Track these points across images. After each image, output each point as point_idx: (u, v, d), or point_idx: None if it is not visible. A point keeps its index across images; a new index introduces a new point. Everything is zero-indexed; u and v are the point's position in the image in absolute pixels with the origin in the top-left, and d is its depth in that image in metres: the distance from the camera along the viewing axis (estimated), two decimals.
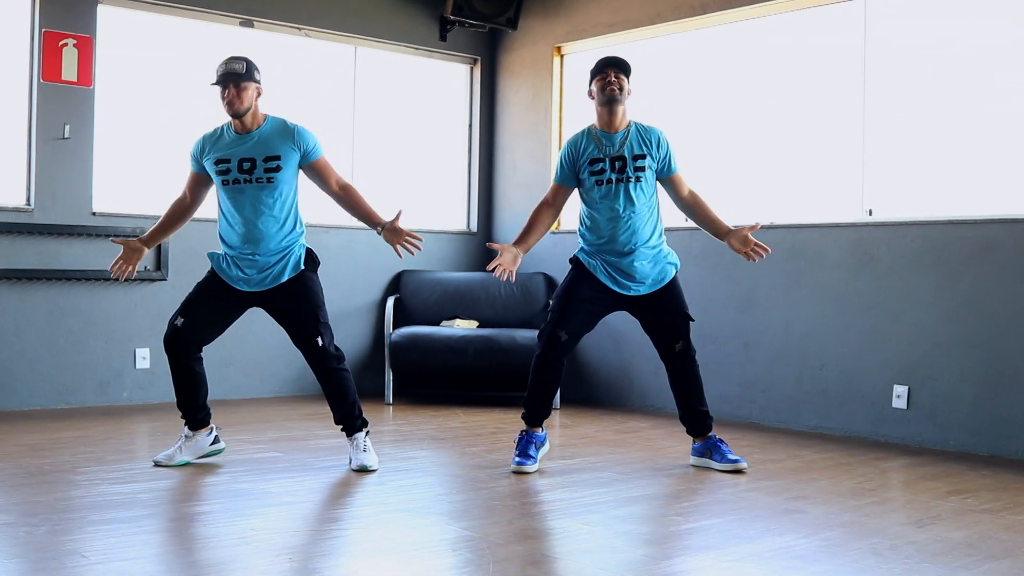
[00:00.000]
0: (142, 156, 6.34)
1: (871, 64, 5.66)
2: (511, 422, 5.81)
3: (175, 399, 4.42)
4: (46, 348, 5.92)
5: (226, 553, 3.14)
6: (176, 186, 6.72)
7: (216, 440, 4.50)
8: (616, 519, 3.63)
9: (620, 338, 6.52)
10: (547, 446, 4.57)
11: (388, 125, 7.30)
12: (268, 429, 5.40)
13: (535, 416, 4.50)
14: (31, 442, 4.84)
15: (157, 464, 4.34)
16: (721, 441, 4.60)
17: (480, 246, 7.65)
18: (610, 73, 4.40)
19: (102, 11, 6.10)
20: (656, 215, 4.52)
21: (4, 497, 3.79)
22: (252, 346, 6.53)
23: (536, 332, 6.56)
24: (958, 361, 5.20)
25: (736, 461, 4.50)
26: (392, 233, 4.26)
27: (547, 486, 4.18)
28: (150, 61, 6.36)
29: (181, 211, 4.48)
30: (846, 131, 5.76)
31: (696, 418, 4.60)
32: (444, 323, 6.87)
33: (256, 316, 6.45)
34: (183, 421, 4.45)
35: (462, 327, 6.74)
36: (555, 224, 7.22)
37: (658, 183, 4.54)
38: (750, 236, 4.46)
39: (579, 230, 4.55)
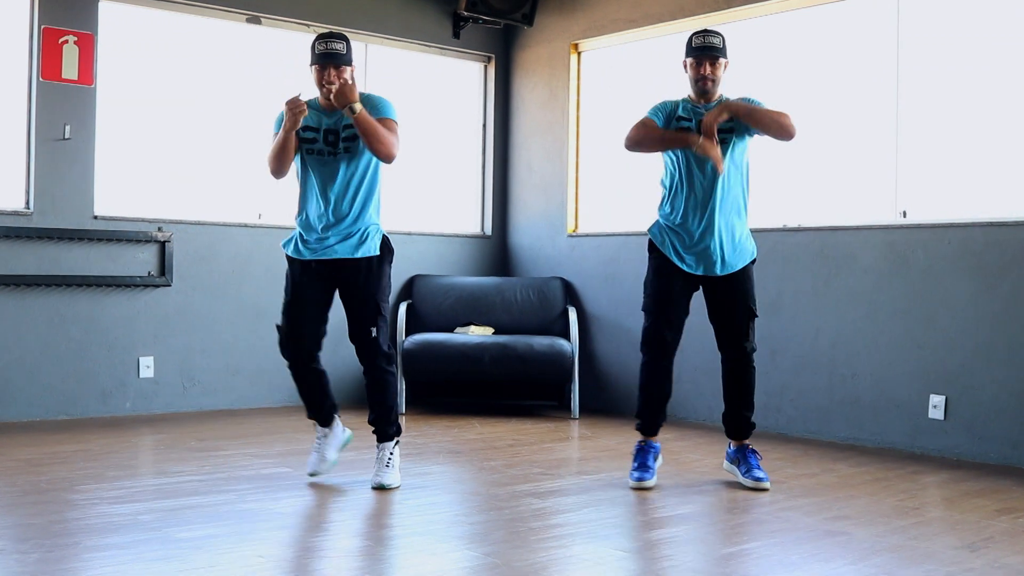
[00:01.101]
0: (145, 157, 6.13)
1: (904, 59, 5.42)
2: (529, 433, 5.59)
3: (305, 408, 4.27)
4: (46, 357, 5.71)
5: None
6: (179, 188, 6.49)
7: (343, 428, 4.37)
8: (649, 544, 3.40)
9: (639, 344, 6.26)
10: (661, 459, 4.38)
11: (399, 125, 7.06)
12: (276, 442, 5.18)
13: (650, 425, 4.35)
14: (28, 456, 4.63)
15: (314, 475, 4.20)
16: (753, 454, 4.40)
17: (495, 250, 7.42)
18: (705, 64, 4.22)
19: (103, 7, 5.89)
20: (742, 197, 4.31)
21: None
22: (259, 354, 6.32)
23: (553, 339, 6.41)
24: (998, 369, 4.96)
25: (760, 480, 4.29)
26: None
27: (572, 505, 3.95)
28: (153, 59, 6.15)
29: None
30: (878, 128, 5.53)
31: (737, 421, 4.41)
32: (458, 330, 6.65)
33: (262, 322, 6.22)
34: (313, 422, 4.30)
35: (477, 334, 6.52)
36: (572, 227, 7.02)
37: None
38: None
39: (660, 203, 4.35)
